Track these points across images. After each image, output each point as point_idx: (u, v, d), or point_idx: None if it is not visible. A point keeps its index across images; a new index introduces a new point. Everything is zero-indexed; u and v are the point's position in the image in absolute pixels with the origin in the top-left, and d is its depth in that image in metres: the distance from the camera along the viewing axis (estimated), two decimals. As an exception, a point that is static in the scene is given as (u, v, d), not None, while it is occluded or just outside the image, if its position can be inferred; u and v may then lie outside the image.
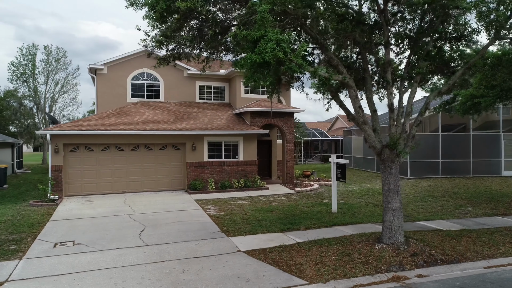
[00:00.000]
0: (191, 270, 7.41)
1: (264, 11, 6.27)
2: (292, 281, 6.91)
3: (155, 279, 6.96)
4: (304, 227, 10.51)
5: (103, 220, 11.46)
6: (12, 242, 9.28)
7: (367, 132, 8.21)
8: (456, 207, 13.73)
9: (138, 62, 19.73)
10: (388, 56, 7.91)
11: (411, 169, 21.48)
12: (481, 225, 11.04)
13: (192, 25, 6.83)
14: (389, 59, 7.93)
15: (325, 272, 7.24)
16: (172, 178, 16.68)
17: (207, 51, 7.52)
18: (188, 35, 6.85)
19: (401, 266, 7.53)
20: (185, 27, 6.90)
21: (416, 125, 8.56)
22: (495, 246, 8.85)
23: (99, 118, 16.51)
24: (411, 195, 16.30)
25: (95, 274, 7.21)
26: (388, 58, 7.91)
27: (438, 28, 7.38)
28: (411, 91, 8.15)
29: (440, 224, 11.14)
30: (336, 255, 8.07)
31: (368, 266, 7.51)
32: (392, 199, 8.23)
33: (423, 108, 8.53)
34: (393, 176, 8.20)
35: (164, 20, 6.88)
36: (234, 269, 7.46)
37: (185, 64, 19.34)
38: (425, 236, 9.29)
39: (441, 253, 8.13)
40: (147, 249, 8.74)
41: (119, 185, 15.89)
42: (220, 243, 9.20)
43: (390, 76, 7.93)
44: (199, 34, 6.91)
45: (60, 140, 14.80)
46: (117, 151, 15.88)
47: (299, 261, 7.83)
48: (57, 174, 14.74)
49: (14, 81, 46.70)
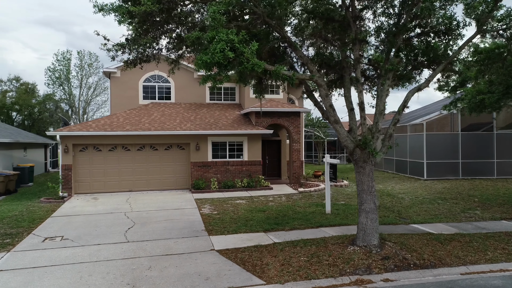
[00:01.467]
0: (157, 267, 7.58)
1: (215, 12, 6.31)
2: (250, 281, 6.90)
3: (119, 274, 7.19)
4: (289, 228, 10.41)
5: (98, 217, 11.95)
6: (9, 236, 9.91)
7: (339, 131, 8.01)
8: (463, 210, 13.03)
9: (150, 65, 20.23)
10: (357, 53, 7.66)
11: (427, 170, 20.58)
12: (481, 229, 10.42)
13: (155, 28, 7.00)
14: (357, 56, 7.68)
15: (287, 273, 7.16)
16: (177, 177, 17.06)
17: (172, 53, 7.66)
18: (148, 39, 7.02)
19: (369, 269, 7.28)
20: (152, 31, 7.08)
21: (393, 124, 8.23)
22: (482, 252, 8.34)
23: (108, 119, 17.20)
24: (420, 197, 15.64)
25: (66, 268, 7.55)
26: (356, 55, 7.67)
27: (407, 23, 7.06)
28: (383, 88, 7.84)
29: (436, 227, 10.62)
30: (306, 256, 7.94)
31: (333, 268, 7.33)
32: (366, 200, 7.98)
33: (401, 106, 8.19)
34: (367, 176, 7.94)
35: (130, 23, 7.10)
36: (199, 267, 7.55)
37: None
38: (408, 240, 8.91)
39: (417, 258, 7.77)
40: (126, 245, 9.03)
41: (125, 183, 16.46)
42: (198, 241, 9.32)
43: (360, 73, 7.68)
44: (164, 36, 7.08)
45: (70, 141, 15.58)
46: (123, 151, 16.47)
47: (267, 261, 7.79)
48: (67, 173, 15.52)
49: (51, 85, 49.72)
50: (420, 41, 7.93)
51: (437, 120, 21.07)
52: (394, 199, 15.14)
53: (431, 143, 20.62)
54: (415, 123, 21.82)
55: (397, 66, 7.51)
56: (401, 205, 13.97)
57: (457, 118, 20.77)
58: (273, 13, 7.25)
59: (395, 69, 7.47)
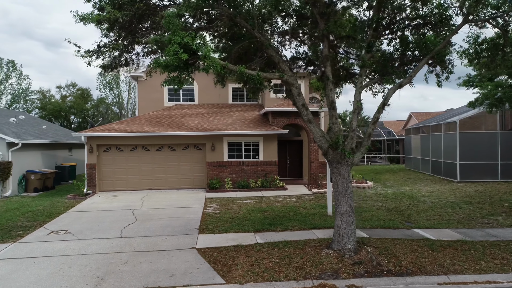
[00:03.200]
0: (133, 262, 7.91)
1: (170, 16, 6.46)
2: (211, 280, 6.97)
3: (95, 268, 7.62)
4: (280, 229, 10.29)
5: (107, 213, 12.68)
6: (22, 228, 10.88)
7: (312, 131, 7.78)
8: (484, 216, 11.98)
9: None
10: (326, 50, 7.38)
11: (461, 172, 19.12)
12: (491, 236, 9.53)
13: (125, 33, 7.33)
14: (326, 53, 7.39)
15: (252, 274, 7.12)
16: (194, 177, 17.53)
17: (144, 56, 7.95)
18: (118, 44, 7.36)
19: (336, 274, 7.01)
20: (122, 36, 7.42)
21: (372, 123, 7.83)
22: (475, 261, 7.64)
23: (131, 121, 18.14)
24: (444, 201, 14.62)
25: (53, 259, 8.16)
26: (325, 52, 7.38)
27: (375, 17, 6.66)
28: (356, 86, 7.46)
29: (440, 233, 9.90)
30: (279, 258, 7.83)
31: (299, 271, 7.16)
32: (341, 202, 7.68)
33: (381, 104, 7.76)
34: (341, 177, 7.64)
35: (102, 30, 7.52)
36: (170, 264, 7.76)
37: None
38: (395, 245, 8.42)
39: (393, 264, 7.33)
40: (117, 240, 9.52)
41: (145, 182, 17.26)
42: (185, 239, 9.55)
43: (330, 71, 7.38)
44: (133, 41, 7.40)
45: (94, 141, 16.67)
46: (143, 151, 17.28)
47: (238, 261, 7.80)
48: (91, 172, 16.63)
49: (102, 89, 53.39)
50: (399, 36, 7.46)
51: (472, 118, 19.48)
52: (413, 202, 14.29)
53: (465, 142, 19.13)
54: (449, 121, 20.37)
55: (368, 62, 7.13)
56: (417, 208, 13.17)
57: (495, 115, 19.05)
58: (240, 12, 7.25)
59: (366, 65, 7.09)
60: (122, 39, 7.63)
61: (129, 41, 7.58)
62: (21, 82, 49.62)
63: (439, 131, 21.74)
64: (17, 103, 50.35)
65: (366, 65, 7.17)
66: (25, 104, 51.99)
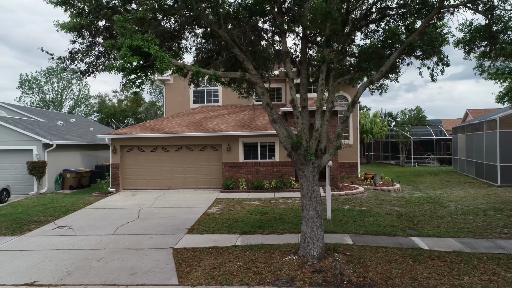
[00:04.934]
0: (107, 259, 8.22)
1: (119, 21, 6.62)
2: (167, 281, 7.00)
3: (71, 263, 8.04)
4: (268, 232, 10.05)
5: (115, 211, 13.32)
6: (35, 223, 11.83)
7: (278, 132, 7.50)
8: (507, 225, 10.67)
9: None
10: (285, 46, 7.02)
11: (502, 175, 17.20)
12: (498, 249, 8.45)
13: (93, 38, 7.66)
14: (286, 49, 7.02)
15: (208, 277, 7.04)
16: (211, 177, 17.78)
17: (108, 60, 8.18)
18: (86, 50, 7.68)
19: (291, 281, 6.67)
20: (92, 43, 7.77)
21: (341, 123, 7.32)
22: (458, 276, 6.82)
23: (153, 122, 18.88)
24: (470, 207, 13.28)
25: (40, 253, 8.75)
26: (285, 48, 7.02)
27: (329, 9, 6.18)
28: (318, 83, 7.00)
29: (440, 242, 8.99)
30: (244, 261, 7.65)
31: (256, 276, 6.93)
32: (305, 206, 7.29)
33: (351, 103, 7.23)
34: (306, 180, 7.25)
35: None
36: (139, 263, 7.94)
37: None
38: (374, 254, 7.81)
39: (357, 275, 6.79)
40: (107, 237, 9.95)
41: (165, 182, 17.85)
42: (169, 239, 9.71)
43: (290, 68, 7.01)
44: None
45: (117, 142, 17.62)
46: (163, 151, 17.89)
47: (204, 263, 7.76)
48: (115, 171, 17.60)
49: (152, 93, 56.27)
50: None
51: (517, 115, 17.41)
52: (434, 208, 13.16)
53: (507, 142, 17.15)
54: (489, 119, 18.42)
55: (328, 57, 6.65)
56: (434, 214, 12.09)
57: (545, 111, 16.84)
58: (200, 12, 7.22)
59: (327, 61, 6.62)
60: (93, 45, 7.95)
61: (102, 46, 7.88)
62: (82, 88, 54.05)
63: (481, 130, 19.76)
64: (78, 107, 54.95)
65: (326, 61, 6.71)
66: (86, 108, 56.57)
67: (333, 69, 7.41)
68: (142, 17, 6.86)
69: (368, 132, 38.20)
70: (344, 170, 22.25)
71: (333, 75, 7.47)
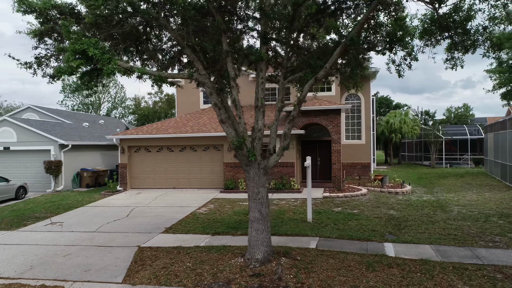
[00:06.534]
0: (73, 255, 8.59)
1: (64, 26, 6.89)
2: (113, 278, 7.18)
3: (38, 258, 8.48)
4: (240, 233, 9.97)
5: (110, 209, 13.84)
6: (34, 218, 12.60)
7: (226, 132, 7.40)
8: (503, 233, 9.80)
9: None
10: (225, 45, 6.89)
11: (523, 178, 15.76)
12: (474, 258, 7.78)
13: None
14: (226, 48, 6.90)
15: (152, 276, 7.12)
16: (213, 177, 17.93)
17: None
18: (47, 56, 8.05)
19: (226, 284, 6.58)
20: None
21: (288, 122, 7.10)
22: (406, 287, 6.37)
23: (161, 123, 19.39)
24: (475, 212, 12.36)
25: (20, 247, 9.32)
26: (225, 47, 6.90)
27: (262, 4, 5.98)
28: (258, 82, 6.79)
29: (413, 249, 8.43)
30: (194, 262, 7.66)
31: (196, 278, 6.92)
32: (251, 208, 7.16)
33: (297, 101, 6.98)
34: (251, 181, 7.11)
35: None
36: (99, 260, 8.20)
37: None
38: (327, 259, 7.49)
39: (296, 281, 6.56)
40: (87, 234, 10.38)
41: (171, 181, 18.28)
42: (142, 237, 9.94)
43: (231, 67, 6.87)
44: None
45: (125, 143, 18.30)
46: (168, 152, 18.32)
47: (158, 263, 7.87)
48: (123, 171, 18.29)
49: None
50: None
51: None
52: (433, 212, 12.38)
53: (529, 142, 15.71)
54: (511, 116, 16.97)
55: (264, 55, 6.43)
56: (428, 219, 11.36)
57: None
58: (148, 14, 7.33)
59: (263, 59, 6.42)
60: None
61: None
62: (118, 91, 56.73)
63: (505, 129, 18.26)
64: (115, 109, 57.74)
65: (263, 59, 6.52)
66: (123, 110, 59.32)
67: (283, 67, 7.20)
68: (91, 22, 7.08)
69: (397, 132, 36.65)
70: (355, 171, 21.53)
71: (283, 74, 7.27)
